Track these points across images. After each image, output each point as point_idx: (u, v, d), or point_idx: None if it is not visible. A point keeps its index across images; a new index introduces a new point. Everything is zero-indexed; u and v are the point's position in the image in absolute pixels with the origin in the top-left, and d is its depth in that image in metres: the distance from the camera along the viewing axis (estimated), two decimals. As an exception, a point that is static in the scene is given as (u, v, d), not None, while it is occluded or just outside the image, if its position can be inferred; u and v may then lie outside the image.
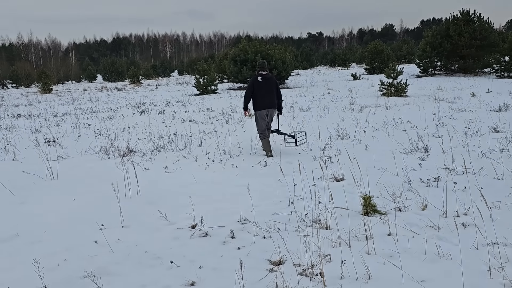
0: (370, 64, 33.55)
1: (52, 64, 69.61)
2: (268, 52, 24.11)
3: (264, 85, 7.77)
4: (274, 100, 7.88)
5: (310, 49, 67.06)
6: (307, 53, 61.46)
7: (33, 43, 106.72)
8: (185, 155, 7.81)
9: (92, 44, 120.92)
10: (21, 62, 66.15)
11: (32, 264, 3.49)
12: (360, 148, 7.82)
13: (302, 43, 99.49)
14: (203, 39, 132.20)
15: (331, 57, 59.37)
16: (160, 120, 12.65)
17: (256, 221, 4.46)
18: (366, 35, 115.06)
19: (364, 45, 69.12)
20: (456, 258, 3.48)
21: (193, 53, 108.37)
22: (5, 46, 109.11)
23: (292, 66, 26.80)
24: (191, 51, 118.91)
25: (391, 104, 13.61)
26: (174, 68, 73.78)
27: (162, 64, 64.36)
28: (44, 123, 13.17)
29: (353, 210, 4.67)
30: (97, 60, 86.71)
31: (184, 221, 4.60)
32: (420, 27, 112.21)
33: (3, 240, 4.26)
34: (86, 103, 20.60)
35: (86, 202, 5.36)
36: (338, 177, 6.03)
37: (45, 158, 7.32)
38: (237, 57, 24.34)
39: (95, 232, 4.33)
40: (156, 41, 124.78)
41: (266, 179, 6.13)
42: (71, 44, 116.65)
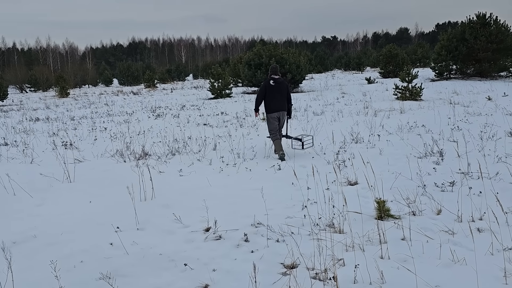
0: (385, 67, 33.35)
1: (69, 68, 70.70)
2: (282, 56, 24.14)
3: (276, 88, 7.96)
4: (285, 104, 8.07)
5: (324, 53, 66.93)
6: (321, 57, 61.35)
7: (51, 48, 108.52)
8: (199, 158, 7.86)
9: (108, 49, 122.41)
10: (39, 66, 67.28)
11: (49, 266, 3.56)
12: (374, 152, 7.79)
13: (316, 47, 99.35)
14: (218, 43, 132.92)
15: (346, 61, 59.20)
16: (175, 124, 12.75)
17: (270, 224, 4.48)
18: (381, 39, 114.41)
19: (379, 48, 68.77)
20: (471, 263, 3.45)
21: (207, 57, 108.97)
22: (24, 50, 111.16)
23: (306, 70, 26.77)
24: (206, 55, 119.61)
25: (405, 108, 13.52)
26: (189, 72, 74.36)
27: (177, 68, 64.89)
28: (62, 126, 13.38)
29: (367, 214, 4.66)
30: (114, 64, 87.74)
31: (198, 224, 4.64)
32: (436, 30, 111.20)
33: (22, 241, 4.35)
34: (103, 106, 20.86)
35: (102, 204, 5.43)
36: (352, 181, 6.02)
37: (62, 161, 7.45)
38: (252, 61, 24.42)
39: (110, 234, 4.40)
40: (171, 45, 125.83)
41: (279, 183, 6.15)
42: (88, 48, 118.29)
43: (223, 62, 49.09)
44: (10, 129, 13.06)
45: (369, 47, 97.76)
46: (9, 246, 4.15)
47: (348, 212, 4.61)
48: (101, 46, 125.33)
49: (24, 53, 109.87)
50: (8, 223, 4.87)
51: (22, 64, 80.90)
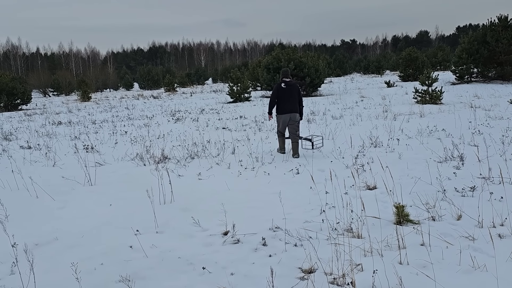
0: (404, 71, 33.04)
1: (91, 72, 71.92)
2: (301, 60, 24.13)
3: (288, 91, 8.26)
4: (296, 106, 8.34)
5: (343, 56, 66.65)
6: (340, 60, 61.11)
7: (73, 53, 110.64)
8: (218, 162, 7.92)
9: (129, 53, 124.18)
10: (62, 71, 68.68)
11: (71, 268, 3.63)
12: (393, 157, 7.72)
13: (335, 50, 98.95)
14: (237, 47, 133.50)
15: (365, 64, 58.77)
16: (194, 128, 12.86)
17: (288, 229, 4.49)
18: (401, 42, 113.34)
19: (398, 52, 68.14)
20: (492, 270, 3.40)
21: (227, 61, 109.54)
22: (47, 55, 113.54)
23: (325, 74, 26.70)
24: (225, 59, 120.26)
25: (425, 111, 13.36)
26: (208, 76, 74.89)
27: (196, 72, 65.41)
28: (83, 130, 13.63)
29: (386, 219, 4.63)
30: (134, 68, 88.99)
31: (217, 228, 4.67)
32: (456, 33, 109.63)
33: (44, 243, 4.45)
34: (123, 110, 21.17)
35: (122, 207, 5.52)
36: (371, 186, 5.98)
37: (84, 164, 7.58)
38: (270, 65, 24.47)
39: (130, 237, 4.47)
40: (191, 50, 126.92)
41: (298, 187, 6.15)
42: (109, 53, 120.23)
43: (242, 66, 49.27)
44: (34, 132, 13.36)
45: (388, 51, 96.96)
46: (31, 248, 4.25)
47: (367, 217, 4.59)
48: (122, 51, 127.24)
49: (47, 57, 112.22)
50: (31, 225, 4.99)
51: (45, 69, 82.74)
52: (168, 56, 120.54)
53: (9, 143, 11.51)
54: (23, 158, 8.92)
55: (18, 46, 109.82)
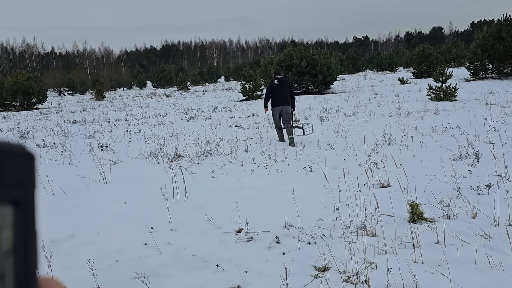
0: (418, 68, 32.72)
1: (105, 71, 72.60)
2: (313, 57, 24.06)
3: (280, 86, 9.40)
4: (288, 99, 9.45)
5: (355, 53, 66.26)
6: (353, 57, 60.73)
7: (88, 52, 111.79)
8: (231, 160, 7.95)
9: (142, 52, 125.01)
10: (76, 70, 69.45)
11: (87, 265, 3.69)
12: (407, 154, 7.67)
13: (347, 47, 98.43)
14: (249, 45, 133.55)
15: (377, 61, 58.34)
16: (207, 126, 12.92)
17: (301, 226, 4.49)
18: (414, 38, 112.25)
19: (412, 48, 67.44)
20: (508, 268, 3.37)
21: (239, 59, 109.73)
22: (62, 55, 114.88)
23: (338, 71, 26.58)
24: (237, 57, 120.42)
25: (439, 108, 13.23)
26: (221, 74, 75.03)
27: (209, 71, 65.61)
28: (98, 128, 13.77)
29: (400, 217, 4.60)
30: (147, 67, 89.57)
31: (230, 226, 4.70)
32: (471, 29, 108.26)
33: (61, 240, 4.52)
34: (137, 109, 21.33)
35: (137, 205, 5.57)
36: (384, 184, 5.95)
37: (98, 162, 7.67)
38: (283, 63, 24.42)
39: (145, 234, 4.51)
40: (203, 48, 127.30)
41: (311, 185, 6.15)
42: (122, 52, 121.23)
43: (254, 64, 49.25)
44: (49, 131, 13.54)
45: (401, 47, 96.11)
46: (48, 245, 4.31)
47: (381, 215, 4.57)
48: (135, 50, 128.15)
49: (62, 57, 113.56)
50: (48, 222, 5.06)
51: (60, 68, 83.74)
52: (181, 55, 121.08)
53: (25, 141, 11.68)
54: (39, 156, 9.05)
55: (33, 46, 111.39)
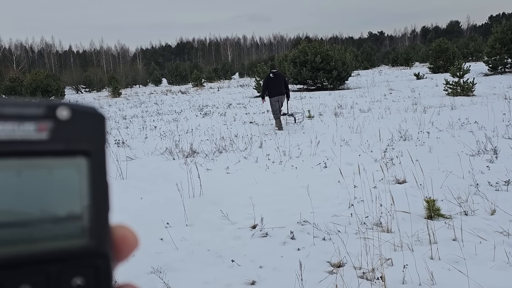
0: (434, 62, 32.28)
1: (121, 69, 73.32)
2: (327, 53, 23.92)
3: (275, 79, 10.68)
4: (283, 90, 10.74)
5: (371, 48, 65.69)
6: (368, 53, 60.23)
7: (104, 50, 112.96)
8: (245, 156, 7.96)
9: (157, 49, 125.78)
10: (93, 68, 70.29)
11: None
12: (423, 150, 7.58)
13: (362, 43, 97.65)
14: (263, 42, 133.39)
15: (393, 56, 57.69)
16: (222, 122, 12.95)
17: (316, 222, 4.48)
18: (430, 33, 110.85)
19: (428, 43, 66.67)
20: (528, 266, 3.31)
21: (253, 56, 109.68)
22: (79, 53, 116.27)
23: (352, 67, 26.40)
24: (251, 54, 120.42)
25: (456, 104, 13.05)
26: (235, 71, 75.13)
27: (223, 67, 65.69)
28: (114, 125, 13.91)
29: (416, 213, 4.56)
30: (162, 64, 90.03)
31: (245, 221, 4.71)
32: (489, 22, 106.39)
33: (79, 235, 4.59)
34: (152, 106, 21.49)
35: (153, 200, 5.62)
36: (400, 180, 5.90)
37: (115, 158, 7.75)
38: (297, 59, 24.34)
39: (161, 230, 4.55)
40: (217, 45, 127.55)
41: (325, 181, 6.12)
42: (138, 49, 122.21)
43: (268, 60, 49.18)
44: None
45: (417, 42, 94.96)
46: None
47: (396, 211, 4.53)
48: (151, 47, 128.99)
49: (79, 55, 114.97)
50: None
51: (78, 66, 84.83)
52: (196, 52, 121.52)
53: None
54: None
55: (51, 45, 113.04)
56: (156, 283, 3.46)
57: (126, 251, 0.34)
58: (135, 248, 0.35)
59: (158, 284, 3.45)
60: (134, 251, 0.35)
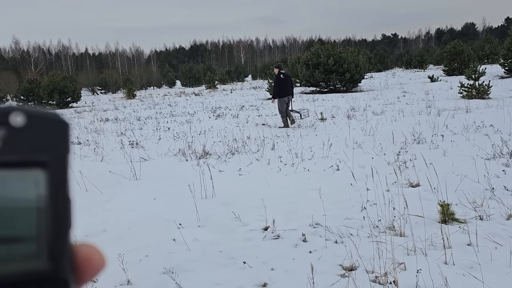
0: (449, 65, 31.92)
1: (136, 71, 73.95)
2: (340, 55, 23.83)
3: (285, 80, 11.46)
4: (290, 90, 11.51)
5: (384, 51, 65.26)
6: (381, 55, 59.84)
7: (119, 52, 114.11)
8: (258, 158, 7.97)
9: (171, 52, 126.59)
10: (108, 69, 71.05)
11: (117, 259, 3.77)
12: (437, 153, 7.51)
13: (376, 45, 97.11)
14: (276, 44, 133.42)
15: (407, 58, 57.22)
16: (235, 124, 12.98)
17: (328, 225, 4.46)
18: (445, 35, 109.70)
19: (442, 45, 65.94)
20: (544, 272, 3.26)
21: (266, 58, 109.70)
22: (95, 55, 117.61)
23: (365, 69, 26.25)
24: (264, 56, 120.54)
25: (472, 107, 12.89)
26: (248, 73, 75.22)
27: (236, 69, 65.80)
28: (129, 126, 14.04)
29: (430, 217, 4.51)
30: (176, 66, 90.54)
31: (257, 223, 4.71)
32: (505, 24, 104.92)
33: (93, 235, 4.63)
34: (166, 107, 21.62)
35: (166, 201, 5.66)
36: (414, 183, 5.85)
37: (129, 159, 7.81)
38: (310, 61, 24.29)
39: (173, 230, 4.57)
40: (230, 47, 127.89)
41: (338, 184, 6.10)
42: (152, 52, 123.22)
43: (281, 63, 49.17)
44: (83, 129, 13.88)
45: (432, 44, 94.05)
46: (81, 239, 4.43)
47: (410, 215, 4.49)
48: (165, 49, 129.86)
49: (95, 57, 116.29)
50: (82, 217, 5.19)
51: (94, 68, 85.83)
52: (209, 54, 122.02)
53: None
54: (73, 153, 9.27)
55: (68, 47, 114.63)
56: (168, 284, 3.48)
57: (91, 272, 0.32)
58: (101, 269, 0.32)
59: (170, 284, 3.47)
60: (99, 272, 0.32)
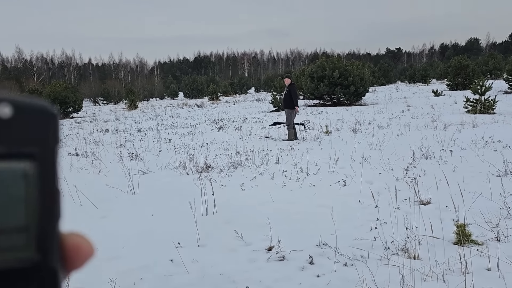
0: (453, 79, 31.74)
1: (139, 82, 74.15)
2: (346, 68, 23.70)
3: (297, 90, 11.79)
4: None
5: (388, 65, 65.26)
6: (385, 69, 59.82)
7: (123, 63, 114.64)
8: (261, 172, 7.71)
9: (175, 63, 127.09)
10: (111, 80, 71.23)
11: (109, 284, 3.50)
12: (447, 169, 7.24)
13: (380, 59, 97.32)
14: (280, 57, 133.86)
15: (410, 73, 57.19)
16: (237, 136, 12.75)
17: (337, 246, 4.19)
18: (449, 50, 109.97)
19: (446, 60, 65.96)
20: None
21: (270, 70, 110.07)
22: (98, 66, 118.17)
23: (370, 83, 26.11)
24: (268, 69, 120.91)
25: (478, 121, 12.66)
26: (251, 85, 75.33)
27: (239, 82, 65.84)
28: (129, 137, 13.82)
29: (444, 238, 4.23)
30: (180, 78, 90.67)
31: (261, 243, 4.44)
32: (509, 40, 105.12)
33: (86, 253, 4.37)
34: (168, 119, 21.44)
35: (164, 218, 5.39)
36: (425, 201, 5.58)
37: (127, 172, 7.55)
38: (314, 74, 24.17)
39: (171, 250, 4.30)
40: (235, 59, 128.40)
41: (345, 200, 5.83)
42: (156, 63, 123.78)
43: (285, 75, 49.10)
44: (82, 140, 13.67)
45: (435, 59, 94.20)
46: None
47: (424, 235, 4.22)
48: (169, 61, 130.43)
49: (98, 68, 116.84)
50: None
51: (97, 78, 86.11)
52: (213, 66, 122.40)
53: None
54: (70, 165, 9.06)
55: (71, 57, 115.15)
56: (164, 310, 3.22)
57: (80, 261, 0.32)
58: (89, 257, 0.32)
59: (166, 310, 3.20)
60: (88, 260, 0.32)
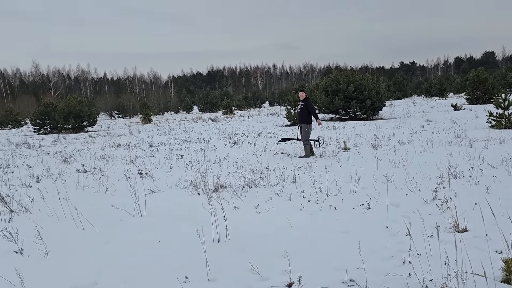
0: (472, 93, 30.97)
1: (153, 96, 74.49)
2: (361, 82, 23.23)
3: None
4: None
5: (403, 78, 64.55)
6: (400, 82, 59.13)
7: (137, 77, 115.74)
8: (278, 192, 7.20)
9: (189, 77, 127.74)
10: (126, 94, 71.70)
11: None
12: (479, 190, 6.66)
13: (394, 73, 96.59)
14: (293, 70, 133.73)
15: (426, 86, 56.41)
16: (252, 152, 12.29)
17: (367, 284, 3.66)
18: (464, 63, 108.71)
19: (462, 73, 65.03)
20: None
21: (283, 84, 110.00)
22: (113, 80, 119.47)
23: (386, 96, 25.57)
24: (281, 83, 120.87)
25: (505, 137, 12.01)
26: (265, 99, 75.13)
27: (253, 95, 65.71)
28: (140, 153, 13.45)
29: (490, 275, 3.68)
30: (193, 92, 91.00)
31: (279, 277, 3.93)
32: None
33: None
34: (181, 133, 21.12)
35: (171, 245, 4.91)
36: (460, 228, 5.02)
37: (134, 193, 7.07)
38: (329, 87, 23.73)
39: (177, 285, 3.82)
40: (248, 73, 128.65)
41: (371, 225, 5.30)
42: (170, 77, 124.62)
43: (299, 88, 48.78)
44: (92, 155, 13.34)
45: (451, 72, 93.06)
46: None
47: (466, 272, 3.68)
48: (182, 75, 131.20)
49: (113, 82, 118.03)
50: (72, 263, 4.49)
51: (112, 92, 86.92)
52: (226, 80, 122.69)
53: (67, 165, 11.46)
54: (76, 183, 8.67)
55: (87, 72, 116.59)
56: None
57: None
58: None
59: None
60: None
